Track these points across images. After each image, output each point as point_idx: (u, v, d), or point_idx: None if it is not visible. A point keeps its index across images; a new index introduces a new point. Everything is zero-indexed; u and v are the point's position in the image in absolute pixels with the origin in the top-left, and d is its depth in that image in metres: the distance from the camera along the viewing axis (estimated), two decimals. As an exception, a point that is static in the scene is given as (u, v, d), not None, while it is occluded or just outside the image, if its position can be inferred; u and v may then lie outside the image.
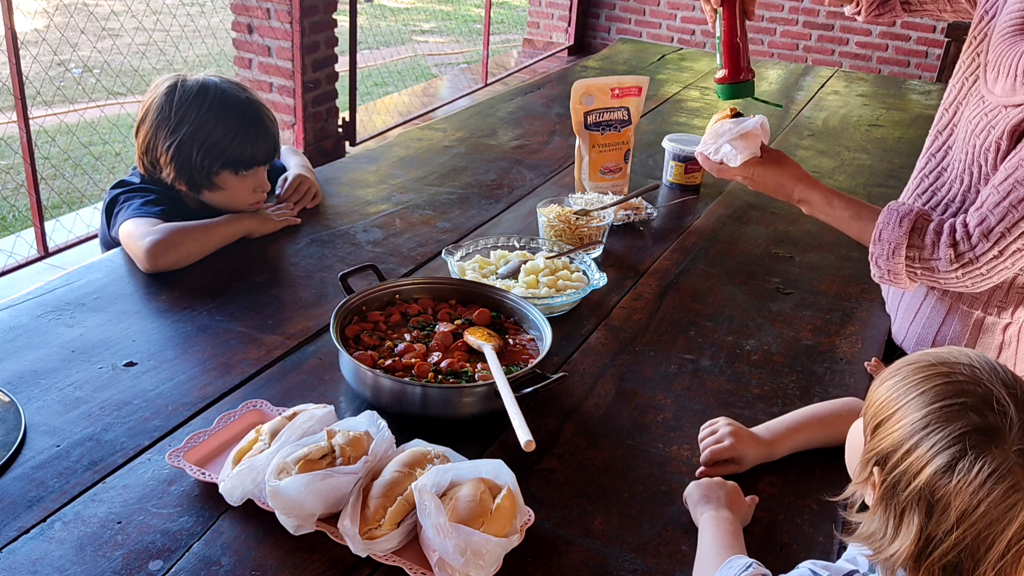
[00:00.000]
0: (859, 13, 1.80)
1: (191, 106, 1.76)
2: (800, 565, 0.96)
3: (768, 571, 0.98)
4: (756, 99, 1.64)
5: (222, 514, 1.11)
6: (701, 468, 1.25)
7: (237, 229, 1.81)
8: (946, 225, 1.41)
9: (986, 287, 1.43)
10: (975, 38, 1.54)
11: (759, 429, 1.30)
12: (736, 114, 1.59)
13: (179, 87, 1.77)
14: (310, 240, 1.87)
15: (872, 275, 1.50)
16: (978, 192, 1.45)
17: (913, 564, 0.85)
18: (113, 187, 1.85)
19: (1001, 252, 1.36)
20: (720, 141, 1.54)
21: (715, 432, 1.29)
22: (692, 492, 1.18)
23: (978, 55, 1.51)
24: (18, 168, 4.74)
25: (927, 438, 0.84)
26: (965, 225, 1.39)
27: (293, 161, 2.11)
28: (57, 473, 1.16)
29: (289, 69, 4.45)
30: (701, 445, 1.28)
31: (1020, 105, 1.37)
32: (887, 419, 0.89)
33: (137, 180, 1.85)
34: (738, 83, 1.61)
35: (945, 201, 1.54)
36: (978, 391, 0.85)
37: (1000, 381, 0.85)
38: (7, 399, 1.28)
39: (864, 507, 0.95)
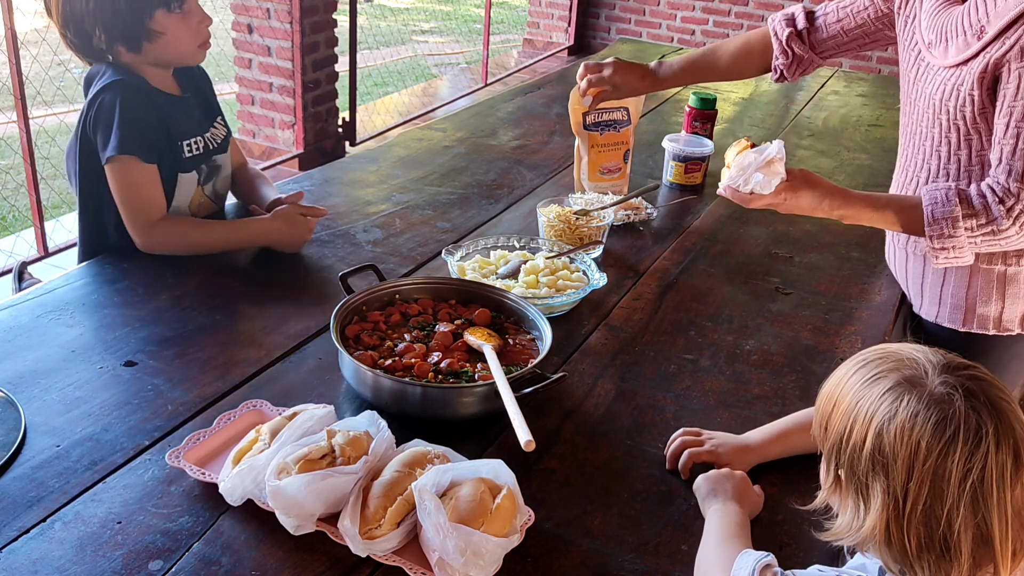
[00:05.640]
0: (782, 79, 1.91)
1: None
2: (809, 568, 0.97)
3: (779, 568, 0.98)
4: None
5: (222, 514, 1.11)
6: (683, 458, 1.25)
7: (260, 235, 1.77)
8: (984, 187, 1.46)
9: None
10: (905, 41, 1.64)
11: (749, 434, 1.30)
12: (752, 145, 1.58)
13: None
14: (310, 240, 1.87)
15: (932, 258, 1.51)
16: (959, 158, 1.53)
17: (896, 528, 0.88)
18: (92, 87, 1.68)
19: None
20: (748, 172, 1.53)
21: (698, 436, 1.29)
22: (701, 486, 1.19)
23: (913, 49, 1.60)
24: (18, 168, 4.73)
25: (861, 410, 0.92)
26: (997, 183, 1.44)
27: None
28: (57, 473, 1.16)
29: (289, 69, 4.45)
30: (677, 443, 1.27)
31: (977, 54, 1.43)
32: (828, 418, 0.97)
33: (109, 78, 1.66)
34: None
35: (929, 182, 1.59)
36: (891, 358, 0.94)
37: (910, 347, 0.96)
38: (7, 399, 1.29)
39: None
